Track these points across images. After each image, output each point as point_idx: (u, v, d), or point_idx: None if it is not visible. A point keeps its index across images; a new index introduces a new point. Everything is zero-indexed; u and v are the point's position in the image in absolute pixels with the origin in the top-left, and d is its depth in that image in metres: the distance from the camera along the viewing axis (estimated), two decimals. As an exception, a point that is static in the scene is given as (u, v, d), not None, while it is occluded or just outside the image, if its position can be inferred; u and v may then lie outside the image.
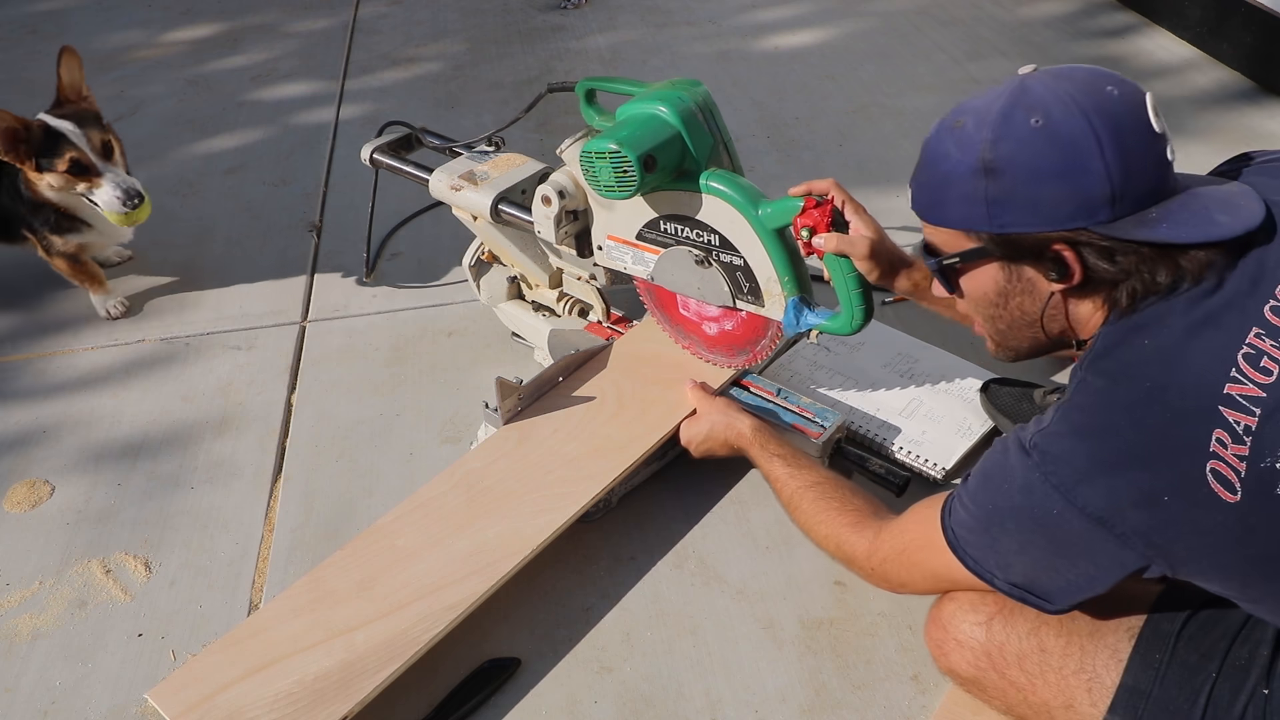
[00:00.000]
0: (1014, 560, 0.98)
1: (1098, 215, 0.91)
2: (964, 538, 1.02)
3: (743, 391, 1.59)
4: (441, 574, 1.31)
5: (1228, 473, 0.85)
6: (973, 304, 1.07)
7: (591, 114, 1.56)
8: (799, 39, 3.25)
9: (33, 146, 1.83)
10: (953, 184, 0.97)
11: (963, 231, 0.99)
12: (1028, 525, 0.95)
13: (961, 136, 0.96)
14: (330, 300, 2.11)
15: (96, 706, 1.33)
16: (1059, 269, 0.95)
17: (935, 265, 1.04)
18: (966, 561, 1.02)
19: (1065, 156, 0.90)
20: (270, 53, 3.38)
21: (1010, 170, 0.92)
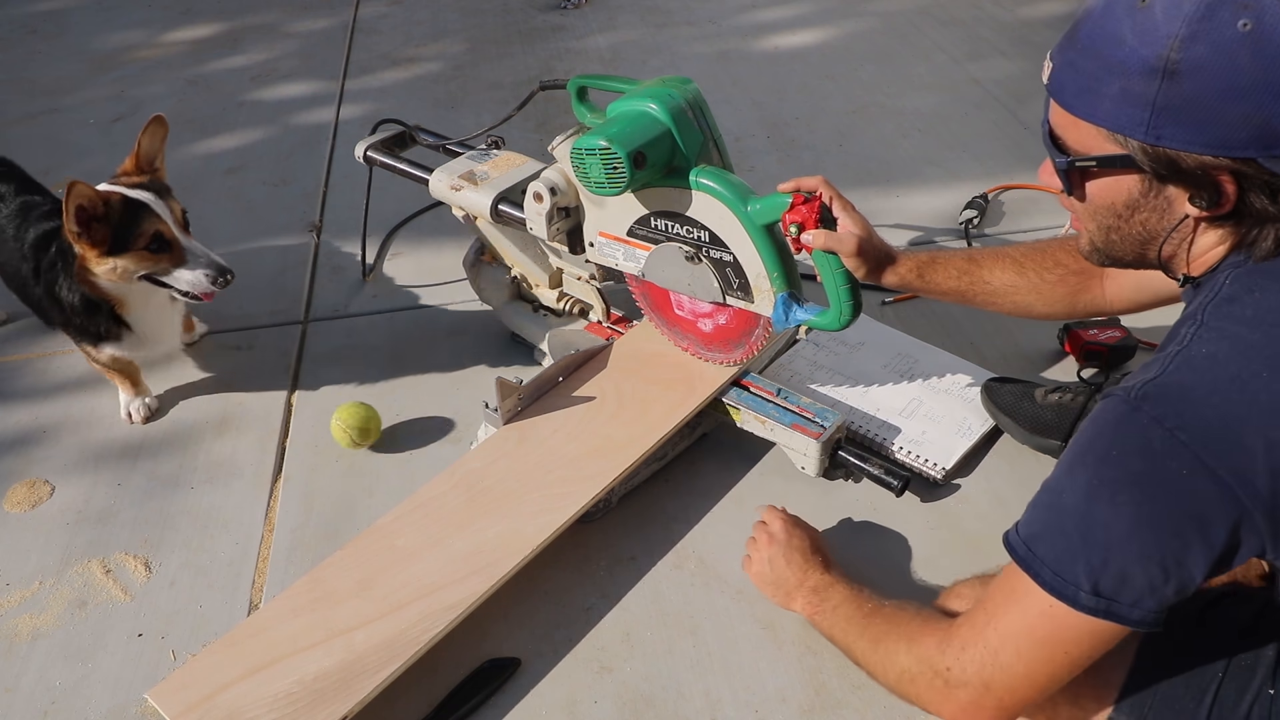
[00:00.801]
0: (1114, 553, 0.83)
1: (1275, 148, 0.79)
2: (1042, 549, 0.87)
3: (743, 392, 1.59)
4: (441, 574, 1.31)
5: None
6: (1090, 210, 0.94)
7: (583, 111, 1.56)
8: (799, 39, 3.25)
9: (110, 225, 1.50)
10: (1117, 76, 0.82)
11: (1108, 132, 0.85)
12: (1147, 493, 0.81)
13: (1145, 21, 0.80)
14: (330, 300, 2.11)
15: (96, 706, 1.33)
16: (1213, 197, 0.83)
17: (1065, 164, 0.90)
18: (1042, 575, 0.86)
19: (1267, 75, 0.76)
20: (270, 53, 3.38)
21: (1195, 77, 0.78)
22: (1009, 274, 1.37)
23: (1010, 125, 2.66)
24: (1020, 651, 0.91)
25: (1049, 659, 0.90)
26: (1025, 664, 0.91)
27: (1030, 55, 3.06)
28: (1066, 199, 0.97)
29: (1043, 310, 1.39)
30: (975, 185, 2.34)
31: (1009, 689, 0.93)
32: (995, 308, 1.41)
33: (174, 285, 1.58)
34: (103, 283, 1.56)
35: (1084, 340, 1.73)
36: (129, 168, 1.61)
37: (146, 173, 1.61)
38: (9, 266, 1.69)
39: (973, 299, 1.40)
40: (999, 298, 1.39)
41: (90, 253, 1.51)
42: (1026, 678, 0.92)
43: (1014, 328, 1.88)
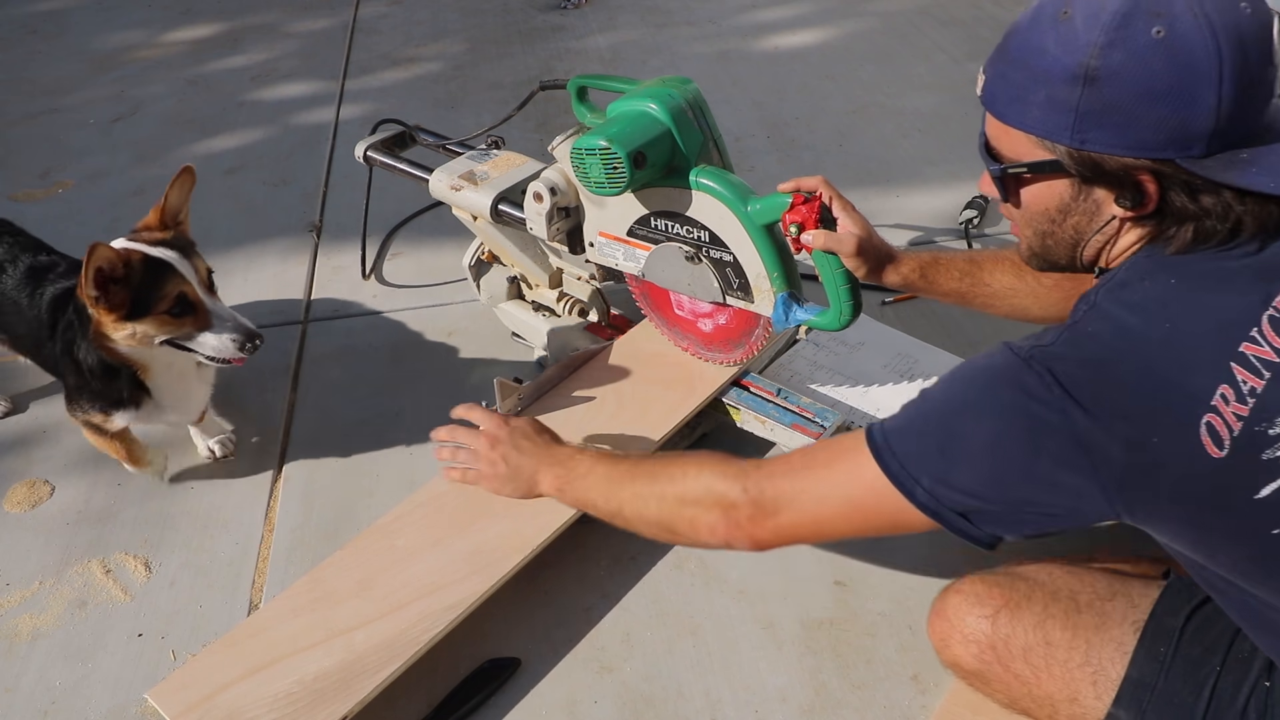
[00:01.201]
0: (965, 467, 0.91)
1: (1191, 149, 0.82)
2: (895, 438, 0.95)
3: (743, 392, 1.59)
4: (441, 574, 1.31)
5: (1221, 429, 0.82)
6: (1026, 216, 0.98)
7: (583, 111, 1.56)
8: (799, 39, 3.25)
9: (129, 287, 1.36)
10: (1042, 85, 0.86)
11: (1037, 139, 0.89)
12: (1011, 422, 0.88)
13: (1067, 32, 0.84)
14: (330, 300, 2.11)
15: (96, 706, 1.33)
16: (1135, 197, 0.87)
17: (998, 172, 0.94)
18: (889, 464, 0.93)
19: (1180, 79, 0.80)
20: (270, 53, 3.38)
21: (1113, 83, 0.82)
22: (1008, 277, 1.38)
23: (1010, 125, 2.66)
24: (824, 501, 1.00)
25: (848, 519, 1.00)
26: (823, 512, 1.01)
27: (1030, 55, 3.06)
28: (1005, 207, 1.01)
29: (1038, 314, 1.40)
30: (975, 185, 2.33)
31: (792, 523, 1.03)
32: (993, 310, 1.41)
33: (198, 350, 1.44)
34: (122, 348, 1.42)
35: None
36: (152, 222, 1.47)
37: (170, 228, 1.47)
38: (20, 328, 1.59)
39: (972, 300, 1.40)
40: (997, 300, 1.39)
41: (107, 318, 1.37)
42: (815, 522, 1.02)
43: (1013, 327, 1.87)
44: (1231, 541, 0.88)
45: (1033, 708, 1.11)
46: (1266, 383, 0.81)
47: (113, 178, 2.64)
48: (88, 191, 2.58)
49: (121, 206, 2.50)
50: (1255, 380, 0.81)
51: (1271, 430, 0.81)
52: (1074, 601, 1.08)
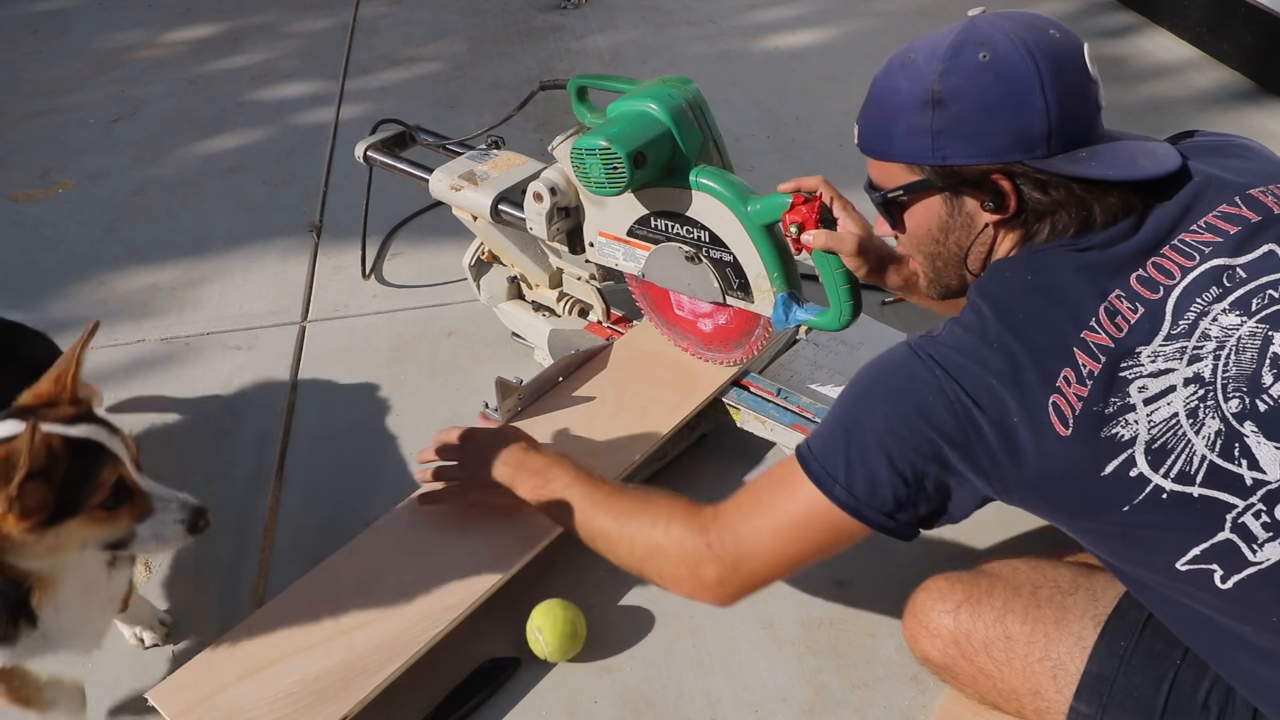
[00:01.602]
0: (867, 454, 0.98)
1: (1034, 150, 0.94)
2: (817, 445, 1.02)
3: (743, 392, 1.59)
4: (441, 574, 1.31)
5: (1065, 408, 0.91)
6: (914, 240, 1.08)
7: (583, 111, 1.56)
8: (799, 39, 3.25)
9: (53, 481, 0.99)
10: (901, 117, 0.99)
11: (907, 165, 1.02)
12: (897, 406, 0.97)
13: (912, 71, 0.99)
14: (330, 300, 2.11)
15: (96, 706, 1.33)
16: (996, 199, 0.98)
17: (880, 199, 1.05)
18: (811, 467, 1.01)
19: (1009, 90, 0.94)
20: (270, 53, 3.38)
21: (956, 102, 0.95)
22: None
23: (1010, 125, 2.66)
24: (778, 533, 1.04)
25: (800, 543, 1.04)
26: (780, 546, 1.05)
27: (1030, 55, 3.06)
28: (899, 242, 1.11)
29: None
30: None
31: (755, 570, 1.07)
32: None
33: (134, 547, 1.09)
34: (27, 562, 1.03)
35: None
36: (54, 392, 1.08)
37: (76, 402, 1.08)
38: None
39: None
40: None
41: (20, 526, 0.98)
42: (773, 558, 1.06)
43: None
44: (1095, 523, 0.94)
45: (1000, 701, 1.13)
46: (1102, 365, 0.90)
47: (113, 178, 2.64)
48: (88, 191, 2.58)
49: (121, 206, 2.50)
50: (1093, 364, 0.91)
51: (1107, 410, 0.90)
52: (1034, 596, 1.11)
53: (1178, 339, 0.91)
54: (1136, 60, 2.99)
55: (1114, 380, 0.90)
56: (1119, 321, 0.92)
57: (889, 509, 0.99)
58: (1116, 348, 0.91)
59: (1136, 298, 0.93)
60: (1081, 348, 0.92)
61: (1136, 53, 3.03)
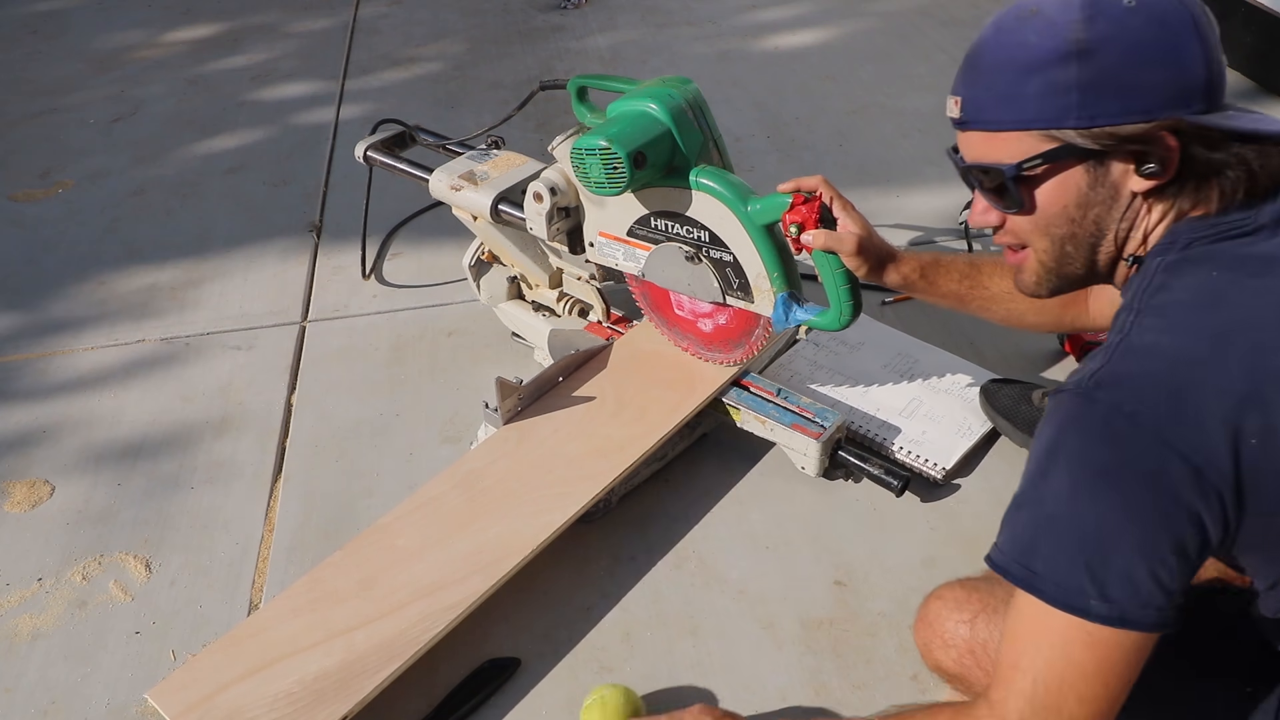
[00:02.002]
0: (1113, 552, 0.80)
1: (1192, 104, 0.83)
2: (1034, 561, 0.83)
3: (743, 392, 1.59)
4: (441, 574, 1.31)
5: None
6: (1042, 222, 0.93)
7: (583, 111, 1.56)
8: (799, 39, 3.25)
9: None
10: (1032, 75, 0.85)
11: (1039, 132, 0.87)
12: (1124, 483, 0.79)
13: (1041, 23, 0.85)
14: (330, 300, 2.11)
15: (96, 706, 1.33)
16: (1160, 157, 0.85)
17: (1013, 172, 0.89)
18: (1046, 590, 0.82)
19: (1164, 36, 0.82)
20: (270, 53, 3.38)
21: (1108, 51, 0.83)
22: (1007, 281, 1.37)
23: (1010, 125, 2.66)
24: (1051, 687, 0.84)
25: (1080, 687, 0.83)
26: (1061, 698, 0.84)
27: (1030, 55, 3.06)
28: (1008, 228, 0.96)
29: (1034, 320, 1.41)
30: (975, 185, 2.33)
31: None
32: (989, 314, 1.41)
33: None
34: None
35: (1085, 340, 1.74)
36: None
37: None
38: None
39: (969, 303, 1.40)
40: (995, 304, 1.39)
41: None
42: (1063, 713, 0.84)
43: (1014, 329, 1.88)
44: None
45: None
46: None
47: (113, 178, 2.64)
48: (88, 191, 2.58)
49: (121, 206, 2.50)
50: None
51: None
52: None
53: None
54: (1136, 60, 2.99)
55: None
56: None
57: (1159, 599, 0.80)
58: None
59: None
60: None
61: (1136, 53, 3.03)
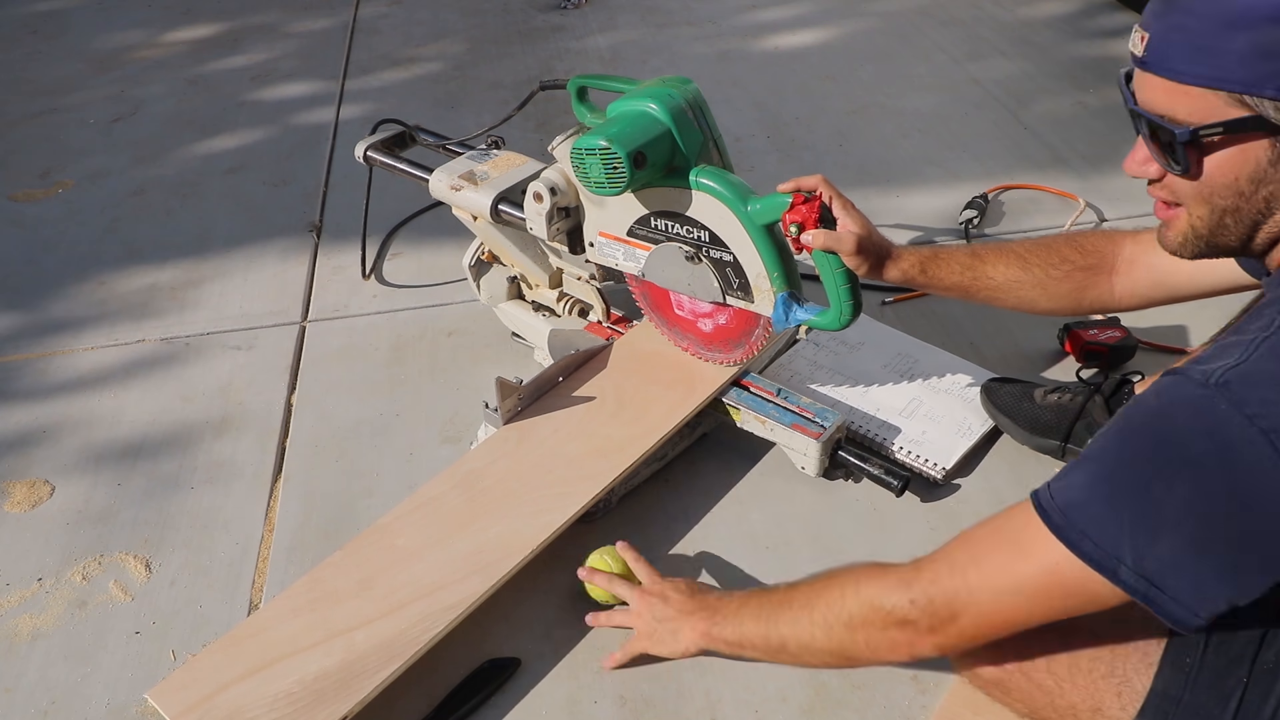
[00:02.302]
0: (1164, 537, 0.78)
1: None
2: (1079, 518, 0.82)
3: (743, 392, 1.59)
4: (441, 574, 1.31)
5: None
6: (1207, 190, 0.86)
7: (583, 111, 1.56)
8: (799, 39, 3.25)
9: None
10: (1242, 30, 0.76)
11: (1230, 95, 0.79)
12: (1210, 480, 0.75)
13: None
14: (330, 300, 2.11)
15: (96, 706, 1.33)
16: None
17: (1187, 136, 0.81)
18: (1081, 545, 0.81)
19: None
20: (270, 53, 3.38)
21: None
22: (1013, 269, 1.37)
23: (1010, 125, 2.66)
24: (1004, 594, 0.89)
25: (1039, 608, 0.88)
26: (1005, 607, 0.90)
27: (1030, 55, 3.06)
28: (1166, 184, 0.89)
29: (1046, 306, 1.39)
30: (975, 185, 2.34)
31: (976, 624, 0.92)
32: (998, 303, 1.40)
33: None
34: None
35: (1084, 340, 1.74)
36: None
37: None
38: None
39: (975, 294, 1.39)
40: (1002, 293, 1.38)
41: None
42: (1002, 620, 0.91)
43: (1014, 328, 1.88)
44: None
45: (1053, 716, 1.07)
46: None
47: (113, 178, 2.64)
48: (88, 191, 2.58)
49: (121, 207, 2.50)
50: None
51: None
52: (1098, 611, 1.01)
53: None
54: (1136, 60, 2.99)
55: None
56: None
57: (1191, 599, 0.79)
58: None
59: None
60: None
61: (1136, 53, 3.03)
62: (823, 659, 1.07)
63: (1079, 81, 2.89)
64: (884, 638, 0.98)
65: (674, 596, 1.26)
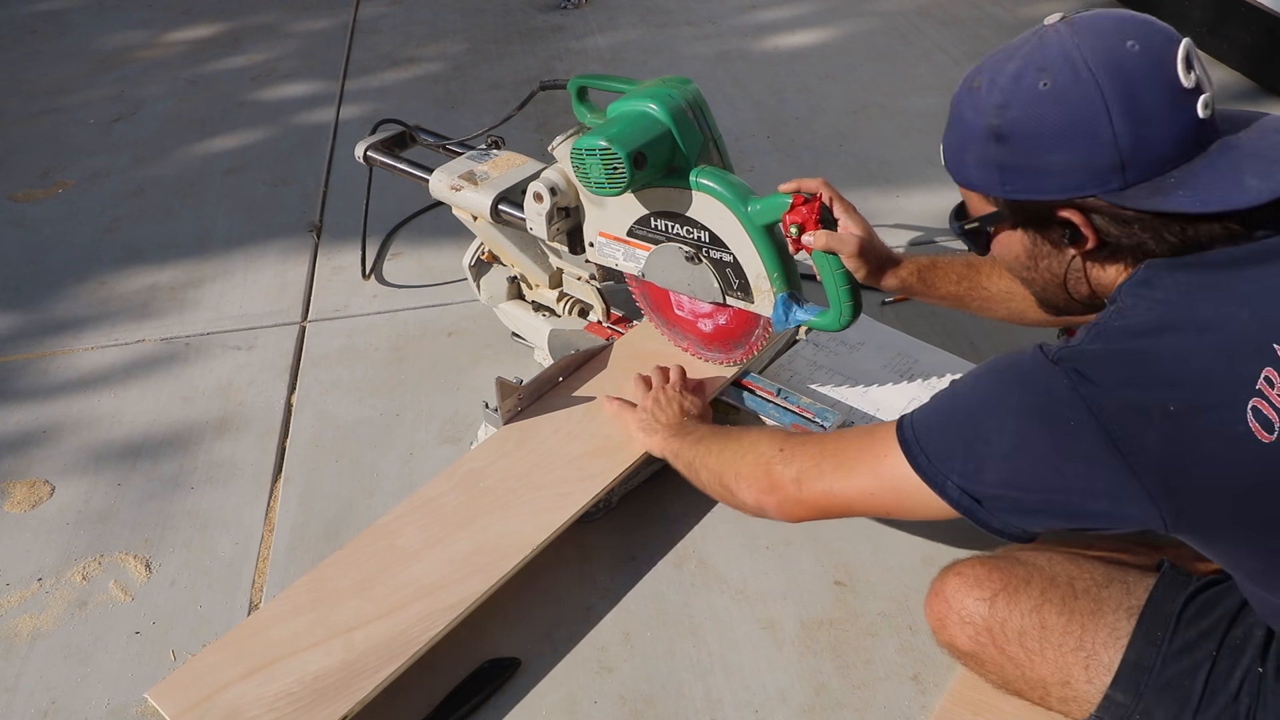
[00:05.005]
0: (991, 467, 0.92)
1: (1108, 183, 0.88)
2: (924, 436, 0.97)
3: (743, 391, 1.59)
4: (441, 574, 1.31)
5: (1270, 412, 0.81)
6: (1006, 265, 1.05)
7: (583, 111, 1.56)
8: (799, 39, 3.25)
9: None
10: (970, 147, 0.96)
11: (982, 194, 0.98)
12: (1034, 427, 0.88)
13: (977, 99, 0.94)
14: (330, 300, 2.11)
15: (96, 706, 1.33)
16: (1072, 234, 0.93)
17: (957, 229, 1.03)
18: (918, 460, 0.96)
19: (1071, 122, 0.88)
20: (270, 53, 3.38)
21: (1017, 137, 0.91)
22: (1005, 280, 1.38)
23: (1010, 125, 2.66)
24: (855, 488, 1.04)
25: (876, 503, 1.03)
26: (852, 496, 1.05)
27: (1030, 55, 3.06)
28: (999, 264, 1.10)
29: (1035, 318, 1.40)
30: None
31: (824, 504, 1.09)
32: (990, 313, 1.42)
33: None
34: None
35: (1084, 340, 1.73)
36: None
37: None
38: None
39: (969, 304, 1.41)
40: (995, 304, 1.40)
41: None
42: (845, 504, 1.07)
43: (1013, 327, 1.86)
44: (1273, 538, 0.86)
45: (1025, 689, 1.13)
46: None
47: (113, 178, 2.64)
48: (88, 191, 2.58)
49: (121, 207, 2.50)
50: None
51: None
52: (1071, 587, 1.10)
53: None
54: (1136, 60, 2.99)
55: None
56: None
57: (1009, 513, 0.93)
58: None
59: None
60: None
61: (1136, 53, 3.03)
62: (708, 477, 1.25)
63: (1079, 81, 2.88)
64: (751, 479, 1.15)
65: (676, 409, 1.43)
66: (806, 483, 1.09)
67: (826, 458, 1.08)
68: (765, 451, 1.15)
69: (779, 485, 1.12)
